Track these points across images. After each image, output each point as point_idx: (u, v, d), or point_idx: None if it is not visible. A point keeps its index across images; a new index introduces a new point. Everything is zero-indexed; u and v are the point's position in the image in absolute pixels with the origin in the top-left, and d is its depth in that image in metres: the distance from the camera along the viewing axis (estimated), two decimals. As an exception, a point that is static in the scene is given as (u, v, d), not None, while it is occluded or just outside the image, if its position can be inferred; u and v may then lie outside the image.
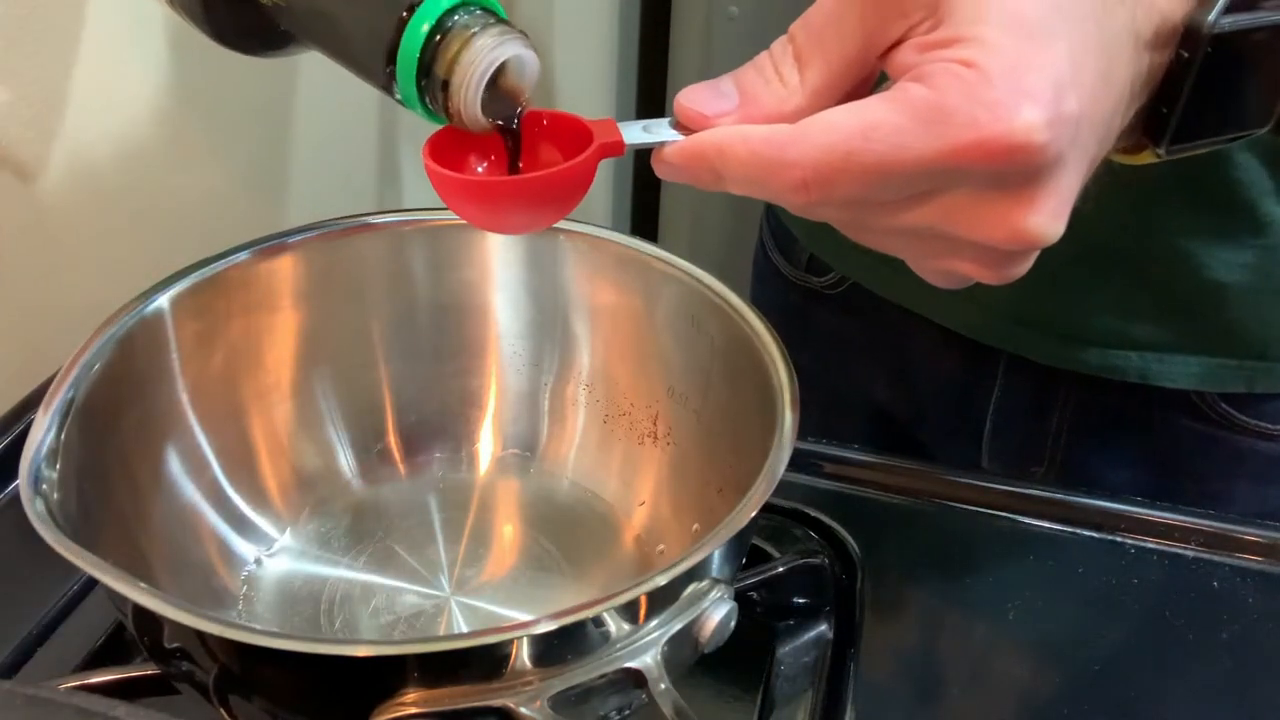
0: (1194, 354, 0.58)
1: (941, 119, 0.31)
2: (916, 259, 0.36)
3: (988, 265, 0.35)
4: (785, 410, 0.43)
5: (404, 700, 0.35)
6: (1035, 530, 0.54)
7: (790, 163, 0.32)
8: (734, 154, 0.34)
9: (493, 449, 0.56)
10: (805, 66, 0.34)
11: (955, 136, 0.31)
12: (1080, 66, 0.32)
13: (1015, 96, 0.30)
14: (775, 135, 0.33)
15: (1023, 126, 0.30)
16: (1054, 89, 0.31)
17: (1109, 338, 0.59)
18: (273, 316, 0.53)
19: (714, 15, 1.11)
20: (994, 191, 0.32)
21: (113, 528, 0.44)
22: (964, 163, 0.31)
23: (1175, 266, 0.56)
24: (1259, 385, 0.59)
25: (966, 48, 0.31)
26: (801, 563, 0.50)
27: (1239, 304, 0.57)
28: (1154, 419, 0.62)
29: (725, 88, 0.35)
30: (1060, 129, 0.31)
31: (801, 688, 0.47)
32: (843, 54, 0.34)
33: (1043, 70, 0.31)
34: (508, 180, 0.37)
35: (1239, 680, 0.48)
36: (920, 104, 0.31)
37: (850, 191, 0.33)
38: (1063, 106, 0.31)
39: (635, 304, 0.53)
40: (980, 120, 0.30)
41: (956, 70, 0.31)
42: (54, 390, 0.43)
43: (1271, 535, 0.53)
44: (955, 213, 0.33)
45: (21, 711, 0.31)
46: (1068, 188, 0.33)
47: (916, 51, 0.32)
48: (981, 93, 0.31)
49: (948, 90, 0.31)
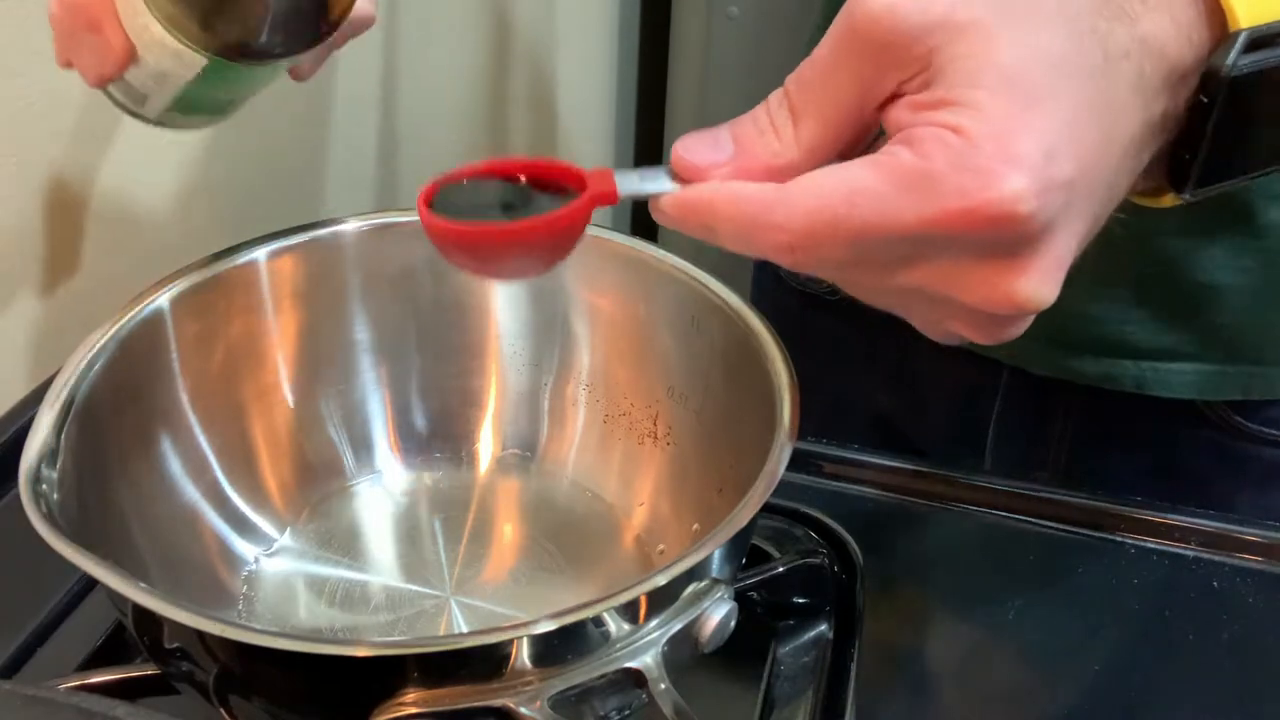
0: (1191, 361, 0.58)
1: (927, 187, 0.31)
2: (910, 315, 0.36)
3: (980, 327, 0.35)
4: (785, 410, 0.43)
5: (404, 700, 0.35)
6: (1035, 530, 0.54)
7: (775, 225, 0.32)
8: (723, 211, 0.33)
9: (493, 449, 0.56)
10: (799, 121, 0.34)
11: (940, 205, 0.30)
12: (1078, 127, 0.31)
13: (1002, 165, 0.30)
14: (763, 195, 0.33)
15: (1009, 195, 0.30)
16: (1044, 155, 0.30)
17: (1106, 347, 0.59)
18: (273, 316, 0.53)
19: (714, 15, 1.11)
20: (982, 258, 0.32)
21: (113, 528, 0.44)
22: (949, 231, 0.31)
23: (1171, 271, 0.56)
24: (1255, 392, 0.59)
25: (956, 112, 0.31)
26: (801, 563, 0.50)
27: (1236, 309, 0.56)
28: (1157, 426, 0.61)
29: (722, 138, 0.35)
30: (1049, 196, 0.30)
31: (801, 688, 0.47)
32: (837, 108, 0.33)
33: (1033, 137, 0.30)
34: (499, 228, 0.37)
35: (1239, 680, 0.48)
36: (907, 170, 0.31)
37: (835, 255, 0.32)
38: (1053, 173, 0.30)
39: (635, 304, 0.53)
40: (964, 190, 0.30)
41: (944, 136, 0.31)
42: (54, 390, 0.43)
43: (1271, 535, 0.53)
44: (944, 277, 0.33)
45: (21, 711, 0.31)
46: (1059, 253, 0.32)
47: (909, 110, 0.32)
48: (968, 160, 0.30)
49: (934, 157, 0.31)
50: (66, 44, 0.50)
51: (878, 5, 0.32)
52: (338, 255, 0.53)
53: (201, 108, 0.50)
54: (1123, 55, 0.33)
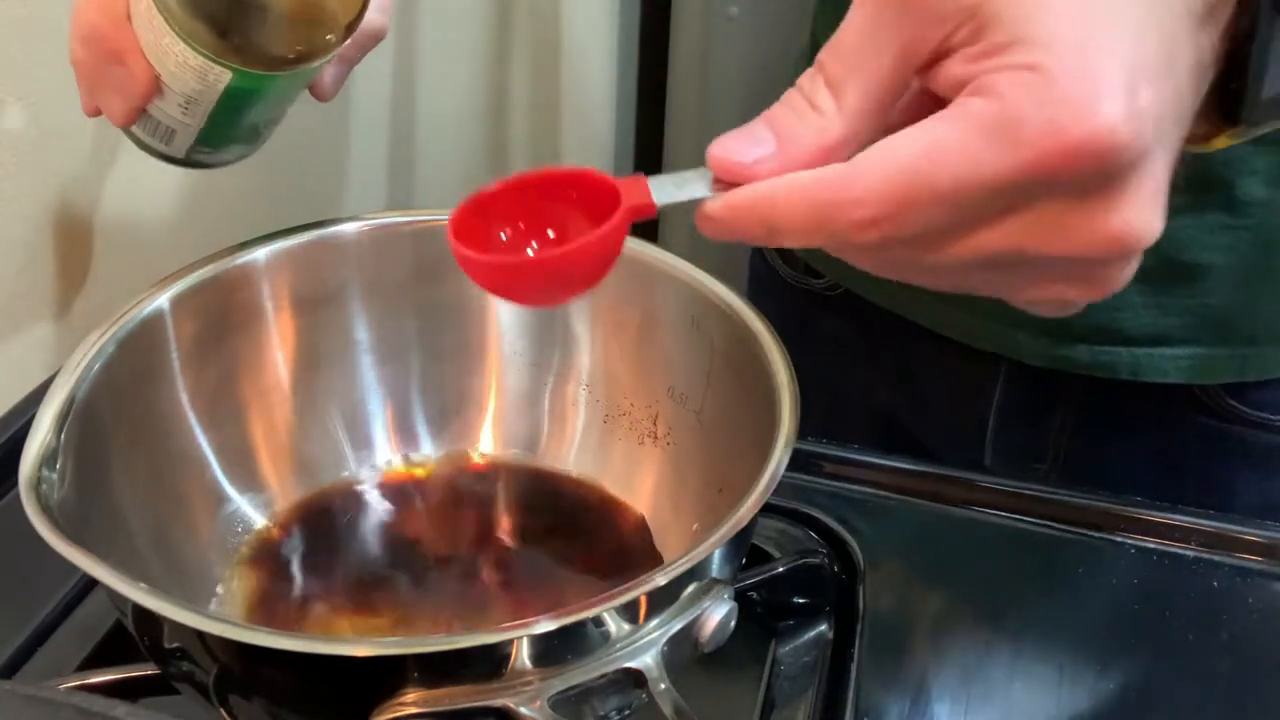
0: (1184, 346, 0.58)
1: (1014, 129, 0.29)
2: (1011, 292, 0.34)
3: (1089, 280, 0.32)
4: (785, 410, 0.43)
5: (404, 700, 0.35)
6: (1035, 530, 0.54)
7: (854, 200, 0.30)
8: (789, 203, 0.31)
9: (493, 449, 0.56)
10: (840, 91, 0.32)
11: (1033, 146, 0.29)
12: (1146, 52, 0.30)
13: (1090, 94, 0.28)
14: (831, 176, 0.31)
15: (1105, 125, 0.28)
16: (1127, 80, 0.29)
17: (1098, 334, 0.59)
18: (273, 316, 0.53)
19: (714, 15, 1.11)
20: (1080, 200, 0.30)
21: (113, 528, 0.44)
22: (1046, 173, 0.29)
23: (1158, 253, 0.56)
24: (1250, 372, 0.58)
25: (1024, 50, 0.29)
26: (801, 563, 0.50)
27: (1225, 289, 0.56)
28: (1156, 413, 0.61)
29: (759, 132, 0.33)
30: (1140, 121, 0.29)
31: (801, 688, 0.47)
32: (879, 71, 0.31)
33: (1111, 64, 0.29)
34: (536, 260, 0.35)
35: (1239, 680, 0.48)
36: (987, 118, 0.29)
37: (921, 222, 0.30)
38: (1139, 97, 0.29)
39: (635, 304, 0.53)
40: (1057, 125, 0.28)
41: (1020, 76, 0.29)
42: (54, 390, 0.43)
43: (1271, 535, 0.53)
44: (1040, 230, 0.30)
45: (21, 711, 0.31)
46: (1159, 179, 0.31)
47: (966, 63, 0.30)
48: (1051, 95, 0.29)
49: (1014, 98, 0.29)
50: (91, 85, 0.50)
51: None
52: (338, 255, 0.53)
53: (229, 138, 0.51)
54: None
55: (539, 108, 1.06)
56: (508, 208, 0.36)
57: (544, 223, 0.36)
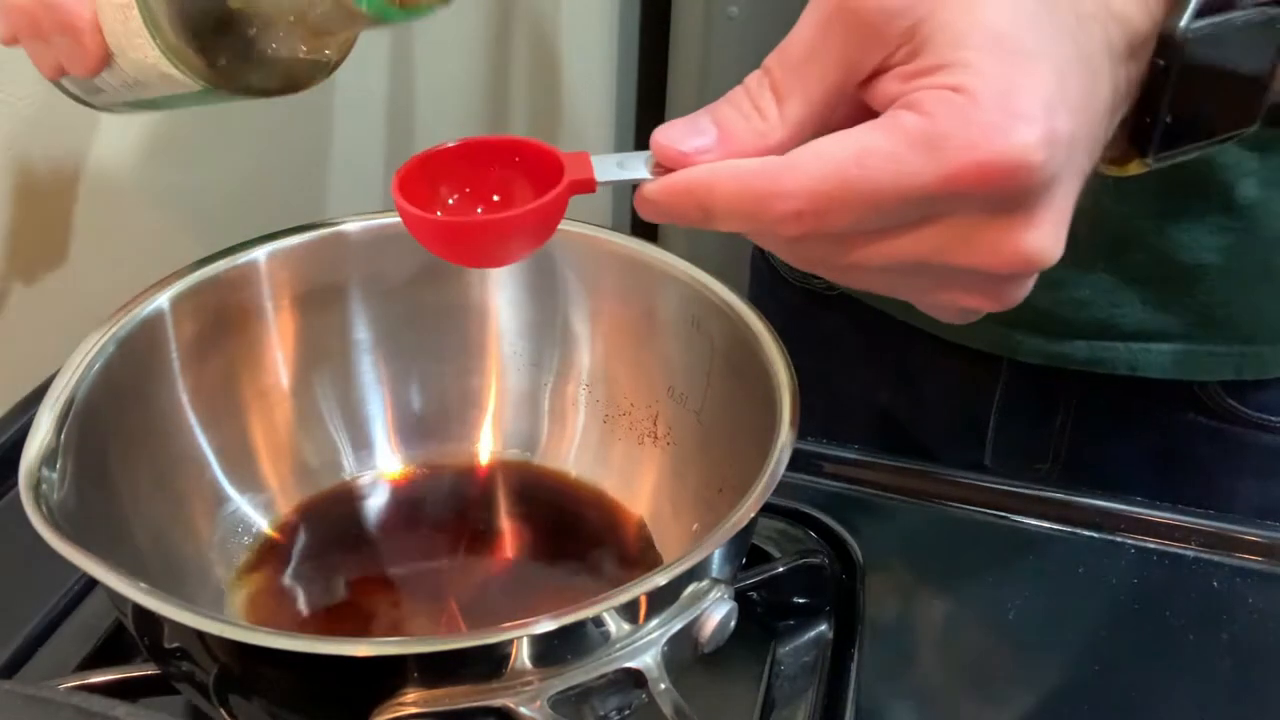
0: (1181, 342, 0.58)
1: (937, 144, 0.31)
2: (916, 295, 0.36)
3: (987, 293, 0.35)
4: (785, 410, 0.43)
5: (404, 700, 0.35)
6: (1035, 530, 0.54)
7: (785, 192, 0.32)
8: (724, 188, 0.33)
9: (493, 449, 0.56)
10: (784, 99, 0.34)
11: (952, 161, 0.31)
12: (1067, 82, 0.32)
13: (1008, 118, 0.30)
14: (767, 166, 0.33)
15: (1019, 146, 0.30)
16: (1045, 108, 0.31)
17: (1095, 330, 0.59)
18: (273, 316, 0.53)
19: (714, 15, 1.11)
20: (990, 216, 0.32)
21: (113, 528, 0.44)
22: (962, 187, 0.31)
23: (1155, 251, 0.56)
24: (1247, 371, 0.59)
25: (952, 73, 0.31)
26: (801, 563, 0.50)
27: (1221, 288, 0.57)
28: (1157, 414, 0.61)
29: (703, 124, 0.35)
30: (1055, 148, 0.31)
31: (801, 688, 0.47)
32: (822, 85, 0.33)
33: (1032, 90, 0.31)
34: (477, 221, 0.37)
35: (1239, 680, 0.48)
36: (914, 130, 0.31)
37: (844, 221, 0.32)
38: (1055, 125, 0.31)
39: (635, 304, 0.53)
40: (976, 143, 0.30)
41: (946, 96, 0.31)
42: (54, 390, 0.43)
43: (1271, 535, 0.53)
44: (951, 240, 0.33)
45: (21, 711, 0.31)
46: (1064, 206, 0.33)
47: (901, 80, 0.32)
48: (974, 116, 0.31)
49: (940, 115, 0.31)
50: (27, 33, 0.47)
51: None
52: (338, 255, 0.53)
53: (161, 109, 0.49)
54: (1090, 17, 0.34)
55: (538, 107, 1.06)
56: (455, 170, 0.38)
57: (489, 188, 0.38)
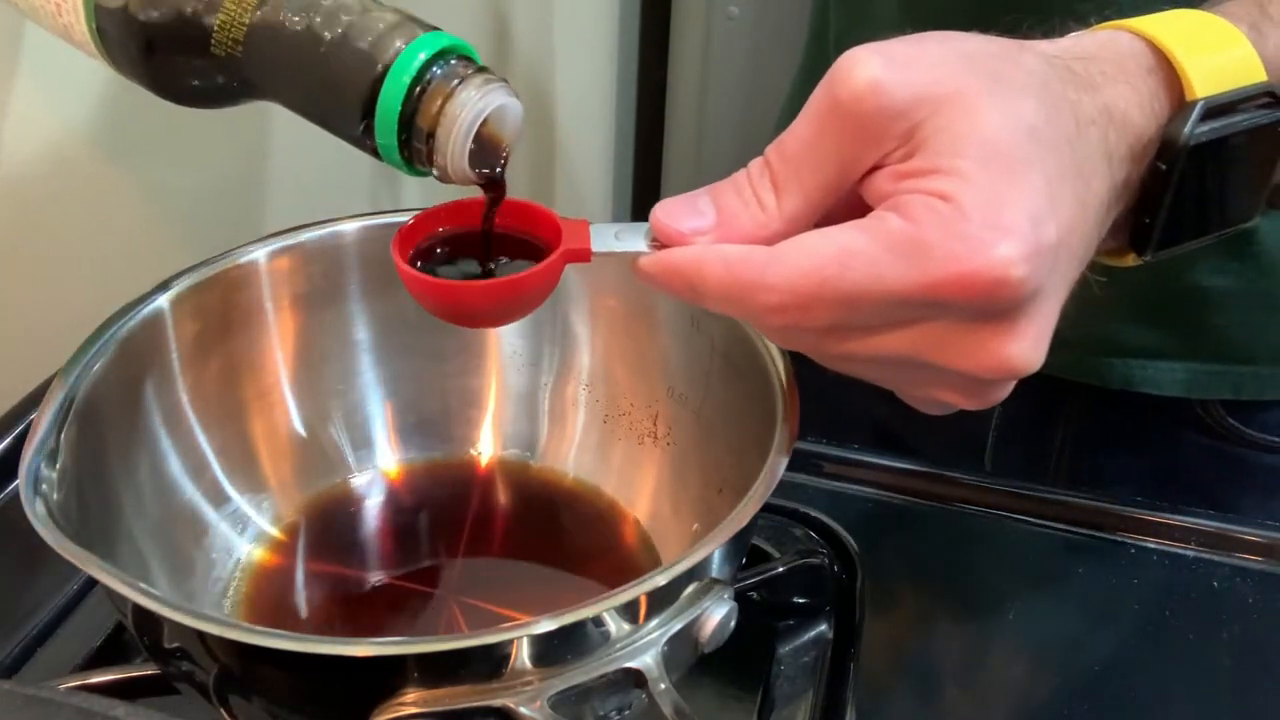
0: (1180, 360, 0.58)
1: (919, 252, 0.31)
2: (901, 387, 0.37)
3: (968, 394, 0.35)
4: (784, 411, 0.43)
5: (404, 700, 0.35)
6: (1035, 530, 0.54)
7: (768, 285, 0.32)
8: (712, 272, 0.34)
9: (493, 449, 0.56)
10: (782, 193, 0.34)
11: (932, 271, 0.31)
12: (1057, 194, 0.32)
13: (992, 232, 0.30)
14: (753, 256, 0.33)
15: (1000, 262, 0.30)
16: (1031, 222, 0.31)
17: (1093, 344, 0.59)
18: (273, 316, 0.53)
19: (714, 15, 1.11)
20: (972, 324, 0.32)
21: (113, 528, 0.44)
22: (942, 296, 0.31)
23: (1158, 271, 0.56)
24: (1246, 392, 0.59)
25: (942, 180, 0.31)
26: (801, 563, 0.50)
27: (1224, 309, 0.56)
28: (1157, 432, 0.61)
29: (702, 204, 0.35)
30: (1038, 261, 0.31)
31: (801, 688, 0.47)
32: (819, 181, 0.34)
33: (1019, 204, 0.31)
34: (474, 286, 0.38)
35: (1239, 680, 0.48)
36: (897, 235, 0.31)
37: (826, 317, 0.33)
38: (1040, 238, 0.31)
39: (635, 304, 0.53)
40: (957, 256, 0.30)
41: (933, 204, 0.31)
42: (54, 390, 0.43)
43: (1271, 535, 0.53)
44: (933, 343, 0.33)
45: (21, 711, 0.31)
46: (1047, 316, 0.33)
47: (892, 180, 0.32)
48: (958, 228, 0.31)
49: (925, 223, 0.31)
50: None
51: (861, 83, 0.32)
52: (338, 255, 0.53)
53: None
54: (1090, 122, 0.34)
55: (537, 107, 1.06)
56: (452, 235, 0.39)
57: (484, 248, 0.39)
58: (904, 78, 0.32)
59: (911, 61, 0.32)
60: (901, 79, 0.32)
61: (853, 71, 0.32)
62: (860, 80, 0.32)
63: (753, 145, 0.36)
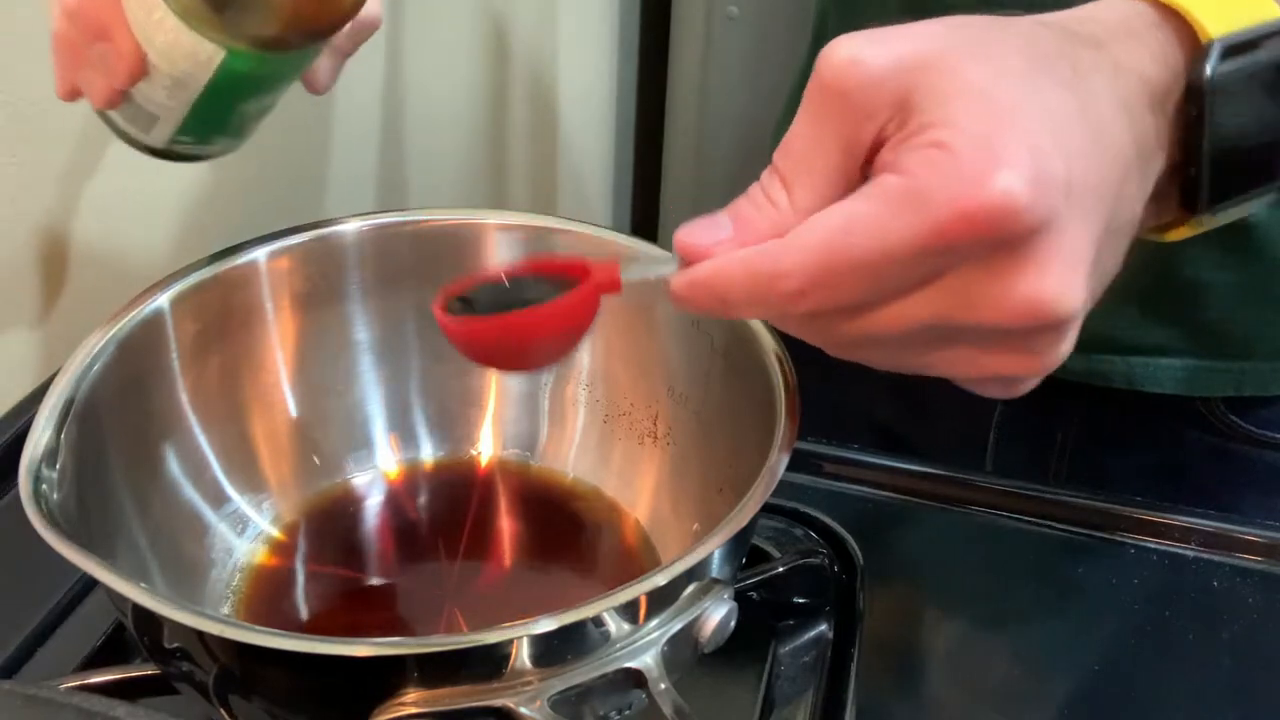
0: (1180, 357, 0.58)
1: (919, 202, 0.31)
2: (950, 369, 0.36)
3: (1016, 352, 0.34)
4: (785, 411, 0.43)
5: (404, 700, 0.35)
6: (1035, 530, 0.54)
7: (784, 272, 0.32)
8: (731, 275, 0.34)
9: (493, 449, 0.56)
10: (792, 188, 0.34)
11: (935, 214, 0.30)
12: (1061, 128, 0.31)
13: (988, 165, 0.30)
14: (766, 249, 0.33)
15: (1000, 191, 0.30)
16: (1029, 152, 0.30)
17: (1094, 342, 0.59)
18: (273, 316, 0.53)
19: (714, 15, 1.11)
20: (989, 267, 0.31)
21: (113, 528, 0.44)
22: (950, 239, 0.31)
23: (1157, 269, 0.56)
24: (1247, 388, 0.58)
25: (935, 131, 0.31)
26: (801, 563, 0.50)
27: (1223, 305, 0.56)
28: (1159, 431, 0.61)
29: (720, 220, 0.35)
30: (1042, 188, 0.30)
31: (801, 688, 0.47)
32: (825, 169, 0.34)
33: (1013, 136, 0.31)
34: (510, 319, 0.38)
35: (1239, 680, 0.48)
36: (895, 190, 0.31)
37: (845, 291, 0.32)
38: (1042, 166, 0.30)
39: (635, 304, 0.53)
40: (956, 195, 0.30)
41: (927, 154, 0.31)
42: (54, 390, 0.43)
43: (1271, 535, 0.53)
44: (957, 299, 0.32)
45: (21, 711, 0.31)
46: (1072, 249, 0.32)
47: (892, 149, 0.32)
48: (955, 168, 0.30)
49: (920, 173, 0.31)
50: (71, 61, 0.49)
51: (841, 60, 0.32)
52: (338, 255, 0.53)
53: (212, 127, 0.49)
54: (1093, 70, 0.33)
55: (537, 107, 1.06)
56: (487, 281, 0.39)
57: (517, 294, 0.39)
58: (883, 49, 0.32)
59: (890, 35, 0.33)
60: (880, 50, 0.32)
61: (833, 52, 0.32)
62: (840, 58, 0.32)
63: (753, 145, 0.36)
